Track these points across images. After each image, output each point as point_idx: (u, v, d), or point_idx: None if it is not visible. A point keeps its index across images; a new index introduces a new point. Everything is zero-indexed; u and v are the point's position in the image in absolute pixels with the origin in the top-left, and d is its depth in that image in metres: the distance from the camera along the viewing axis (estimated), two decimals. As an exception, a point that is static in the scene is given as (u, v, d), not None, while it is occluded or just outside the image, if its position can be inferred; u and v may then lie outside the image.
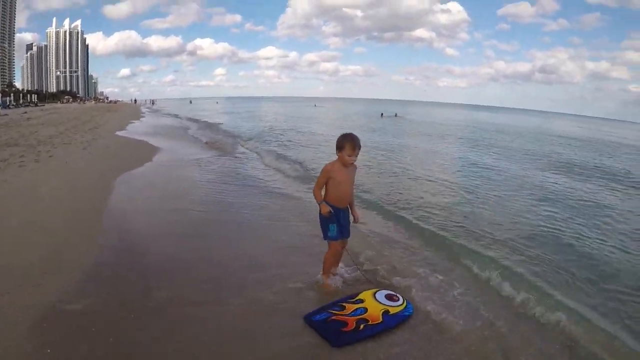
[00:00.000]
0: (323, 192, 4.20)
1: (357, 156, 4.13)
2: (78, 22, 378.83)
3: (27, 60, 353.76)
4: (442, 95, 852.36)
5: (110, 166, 11.54)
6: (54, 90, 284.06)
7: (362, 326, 3.43)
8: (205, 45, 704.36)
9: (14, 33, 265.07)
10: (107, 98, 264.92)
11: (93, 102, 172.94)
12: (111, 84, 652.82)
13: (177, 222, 6.68)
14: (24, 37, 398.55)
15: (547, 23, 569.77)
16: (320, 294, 4.17)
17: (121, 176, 10.05)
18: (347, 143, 4.05)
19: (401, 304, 3.81)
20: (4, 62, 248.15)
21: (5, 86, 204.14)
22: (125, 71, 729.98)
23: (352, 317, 3.54)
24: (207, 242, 5.80)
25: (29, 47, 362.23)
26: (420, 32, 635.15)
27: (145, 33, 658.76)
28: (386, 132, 28.48)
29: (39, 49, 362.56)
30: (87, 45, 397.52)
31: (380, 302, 3.81)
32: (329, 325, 3.45)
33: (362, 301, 3.84)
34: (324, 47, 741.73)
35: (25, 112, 55.18)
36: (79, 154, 13.97)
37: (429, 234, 6.49)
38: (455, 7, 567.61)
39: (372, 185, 10.26)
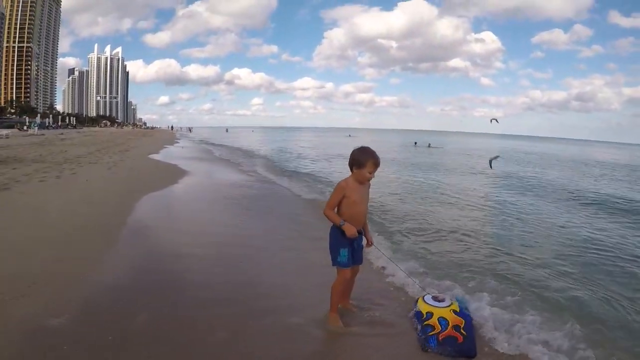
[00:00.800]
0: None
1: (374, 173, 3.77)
2: (119, 49, 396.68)
3: (68, 84, 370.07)
4: (478, 125, 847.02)
5: (131, 187, 11.43)
6: (94, 114, 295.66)
7: (461, 331, 3.43)
8: (243, 75, 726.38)
9: (56, 57, 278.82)
10: (145, 124, 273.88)
11: (131, 127, 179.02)
12: (150, 110, 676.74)
13: (185, 244, 6.29)
14: (66, 61, 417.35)
15: (581, 50, 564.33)
16: (325, 332, 3.69)
17: (141, 196, 9.88)
18: (370, 160, 3.67)
19: (451, 302, 3.80)
20: (46, 85, 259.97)
21: (46, 108, 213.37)
22: (164, 98, 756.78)
23: (448, 331, 3.44)
24: (214, 265, 5.44)
25: (71, 71, 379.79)
26: (455, 62, 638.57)
27: (185, 62, 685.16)
28: (417, 161, 27.94)
29: (81, 73, 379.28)
30: (127, 72, 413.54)
31: (436, 306, 3.73)
32: (448, 341, 3.36)
33: (431, 314, 3.66)
34: (360, 78, 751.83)
35: (62, 134, 57.30)
36: (102, 173, 14.04)
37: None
38: (489, 36, 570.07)
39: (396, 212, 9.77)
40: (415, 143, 50.62)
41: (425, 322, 3.55)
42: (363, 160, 3.67)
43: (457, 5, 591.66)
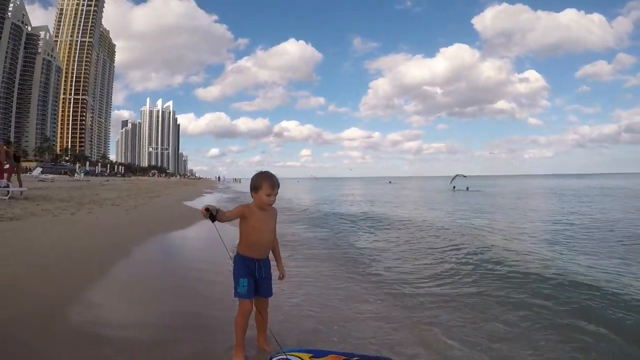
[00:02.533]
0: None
1: (275, 196, 3.60)
2: (170, 103, 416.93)
3: (122, 135, 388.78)
4: (528, 167, 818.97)
5: (140, 227, 11.87)
6: (146, 164, 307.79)
7: None
8: (291, 127, 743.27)
9: (110, 109, 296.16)
10: (193, 174, 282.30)
11: (178, 177, 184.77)
12: (200, 162, 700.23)
13: (166, 289, 5.80)
14: (121, 114, 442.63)
15: (627, 79, 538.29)
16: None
17: (147, 237, 10.13)
18: (265, 181, 3.56)
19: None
20: (100, 135, 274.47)
21: (99, 157, 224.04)
22: (214, 150, 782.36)
23: None
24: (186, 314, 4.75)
25: (124, 123, 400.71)
26: (501, 104, 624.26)
27: (234, 115, 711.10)
28: (447, 205, 27.23)
29: (134, 125, 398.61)
30: (179, 124, 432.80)
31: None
32: None
33: None
34: (406, 126, 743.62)
35: (107, 180, 59.95)
36: (118, 214, 14.59)
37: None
38: (532, 74, 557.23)
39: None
40: (454, 187, 50.49)
41: None
42: (259, 183, 3.57)
43: (497, 46, 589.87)
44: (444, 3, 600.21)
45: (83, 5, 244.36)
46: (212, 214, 3.28)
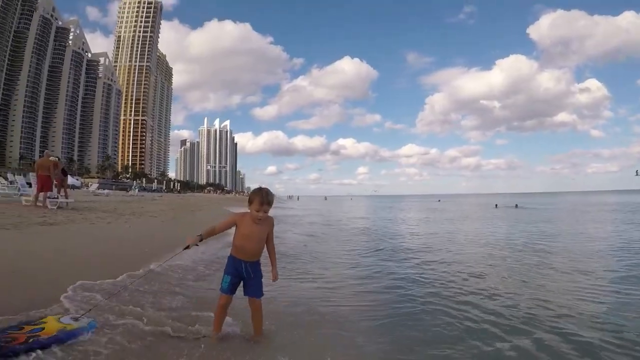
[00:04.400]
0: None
1: (265, 212, 4.02)
2: (227, 122, 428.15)
3: (181, 154, 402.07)
4: (592, 182, 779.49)
5: (169, 235, 13.24)
6: (204, 182, 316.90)
7: (31, 340, 3.58)
8: (348, 144, 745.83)
9: (169, 129, 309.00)
10: (250, 192, 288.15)
11: (234, 194, 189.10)
12: (258, 179, 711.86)
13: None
14: (180, 133, 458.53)
15: None
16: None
17: (162, 248, 11.29)
18: (256, 197, 3.99)
19: (80, 323, 3.98)
20: (159, 154, 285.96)
21: (158, 175, 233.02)
22: (271, 168, 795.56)
23: (24, 334, 3.67)
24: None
25: (183, 142, 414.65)
26: (561, 117, 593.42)
27: (291, 133, 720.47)
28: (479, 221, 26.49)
29: (192, 144, 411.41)
30: (236, 143, 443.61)
31: (62, 322, 3.95)
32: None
33: (43, 323, 3.92)
34: (464, 142, 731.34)
35: (161, 196, 62.68)
36: (153, 224, 16.03)
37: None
38: (593, 84, 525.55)
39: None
40: (496, 205, 49.85)
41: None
42: (252, 198, 4.04)
43: (555, 55, 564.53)
44: (498, 13, 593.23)
45: (139, 32, 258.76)
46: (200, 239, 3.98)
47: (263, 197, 3.98)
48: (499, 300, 6.28)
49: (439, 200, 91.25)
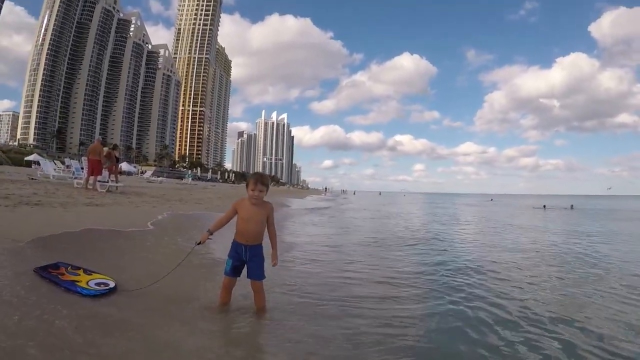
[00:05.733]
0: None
1: (260, 192, 4.33)
2: (284, 115, 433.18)
3: (237, 145, 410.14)
4: None
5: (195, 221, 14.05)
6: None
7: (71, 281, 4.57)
8: (405, 141, 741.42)
9: (227, 120, 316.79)
10: (305, 185, 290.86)
11: (288, 186, 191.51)
12: (314, 173, 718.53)
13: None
14: (239, 125, 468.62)
15: None
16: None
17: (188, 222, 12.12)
18: (251, 178, 4.38)
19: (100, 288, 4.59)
20: (216, 145, 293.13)
21: (215, 165, 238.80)
22: (327, 162, 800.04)
23: (68, 275, 4.75)
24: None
25: (240, 134, 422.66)
26: (622, 117, 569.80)
27: (349, 128, 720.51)
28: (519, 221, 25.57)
29: (249, 136, 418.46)
30: (293, 136, 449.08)
31: (89, 284, 4.59)
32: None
33: (78, 275, 4.81)
34: (523, 141, 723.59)
35: (214, 185, 64.40)
36: (194, 209, 16.95)
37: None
38: None
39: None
40: (544, 206, 48.26)
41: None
42: (247, 180, 4.48)
43: (617, 54, 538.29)
44: (559, 11, 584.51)
45: (199, 25, 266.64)
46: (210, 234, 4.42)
47: (257, 178, 4.37)
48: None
49: (492, 200, 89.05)
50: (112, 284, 4.66)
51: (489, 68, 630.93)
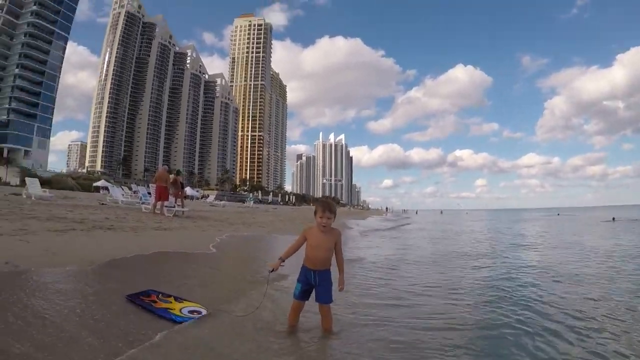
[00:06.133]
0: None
1: (329, 219, 4.43)
2: (342, 136, 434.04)
3: (297, 167, 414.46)
4: None
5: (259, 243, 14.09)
6: (320, 195, 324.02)
7: (164, 309, 4.70)
8: (465, 156, 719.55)
9: (285, 144, 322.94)
10: (365, 205, 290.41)
11: (348, 207, 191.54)
12: (374, 193, 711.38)
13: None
14: (297, 148, 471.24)
15: None
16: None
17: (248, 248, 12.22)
18: (318, 206, 4.48)
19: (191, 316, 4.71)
20: (276, 168, 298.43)
21: (275, 188, 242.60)
22: (387, 182, 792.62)
23: (160, 302, 4.91)
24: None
25: (299, 156, 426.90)
26: None
27: (407, 146, 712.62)
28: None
29: (308, 158, 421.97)
30: (351, 157, 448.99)
31: (182, 311, 4.73)
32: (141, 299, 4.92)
33: (170, 302, 4.94)
34: (588, 148, 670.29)
35: (275, 208, 65.16)
36: (254, 230, 17.34)
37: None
38: None
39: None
40: (614, 218, 45.47)
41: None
42: (315, 208, 4.55)
43: None
44: (612, 4, 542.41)
45: (252, 53, 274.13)
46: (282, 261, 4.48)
47: (325, 206, 4.45)
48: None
49: (558, 214, 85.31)
50: (203, 312, 4.80)
51: (546, 73, 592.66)
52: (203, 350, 3.83)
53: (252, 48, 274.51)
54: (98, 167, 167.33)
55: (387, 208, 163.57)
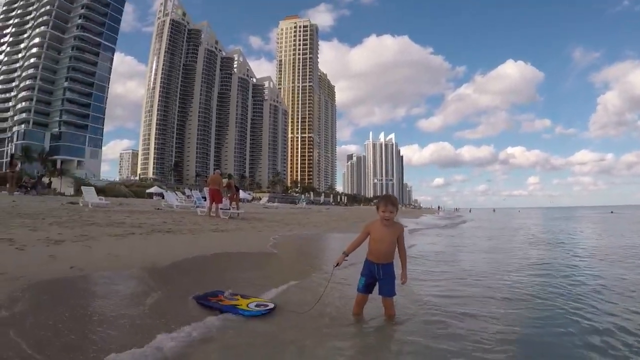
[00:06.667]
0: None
1: (391, 213, 4.48)
2: (392, 135, 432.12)
3: (347, 168, 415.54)
4: None
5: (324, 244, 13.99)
6: (371, 195, 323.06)
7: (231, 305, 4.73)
8: (517, 153, 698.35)
9: (335, 144, 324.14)
10: (417, 204, 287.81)
11: (400, 206, 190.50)
12: (425, 192, 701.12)
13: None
14: (348, 148, 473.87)
15: None
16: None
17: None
18: (381, 201, 4.56)
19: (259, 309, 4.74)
20: (327, 169, 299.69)
21: (326, 188, 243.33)
22: (438, 180, 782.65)
23: (227, 300, 4.92)
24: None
25: (350, 157, 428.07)
26: None
27: (458, 143, 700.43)
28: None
29: (358, 158, 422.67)
30: (402, 156, 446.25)
31: (249, 306, 4.76)
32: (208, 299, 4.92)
33: (237, 300, 4.94)
34: None
35: (328, 208, 65.43)
36: (310, 230, 17.39)
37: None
38: None
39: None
40: None
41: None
42: (378, 203, 4.62)
43: None
44: None
45: (299, 55, 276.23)
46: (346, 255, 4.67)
47: (387, 200, 4.55)
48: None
49: (612, 212, 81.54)
50: (270, 305, 4.84)
51: (598, 67, 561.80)
52: (267, 339, 3.95)
53: (299, 50, 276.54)
54: (150, 174, 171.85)
55: (439, 207, 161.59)
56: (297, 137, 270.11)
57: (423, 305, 5.41)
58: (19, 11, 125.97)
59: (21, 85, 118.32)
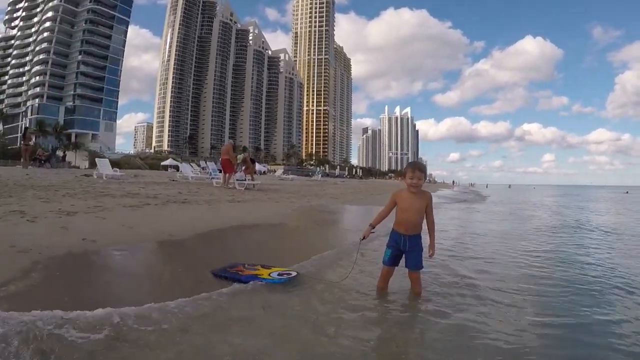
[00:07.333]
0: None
1: (419, 179, 4.27)
2: (408, 109, 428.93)
3: (363, 141, 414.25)
4: None
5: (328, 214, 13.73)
6: (386, 168, 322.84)
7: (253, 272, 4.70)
8: (533, 130, 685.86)
9: (350, 118, 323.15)
10: (432, 179, 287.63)
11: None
12: (440, 166, 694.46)
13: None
14: (363, 121, 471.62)
15: None
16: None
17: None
18: (408, 168, 4.38)
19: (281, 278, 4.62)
20: (342, 142, 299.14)
21: (341, 161, 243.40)
22: (454, 155, 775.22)
23: (247, 269, 4.82)
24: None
25: (365, 130, 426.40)
26: None
27: (474, 119, 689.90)
28: None
29: (374, 132, 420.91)
30: (417, 130, 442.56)
31: (271, 275, 4.66)
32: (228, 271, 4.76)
33: (257, 270, 4.83)
34: None
35: (343, 181, 65.43)
36: (327, 202, 17.02)
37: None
38: None
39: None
40: None
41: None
42: (405, 170, 4.45)
43: None
44: None
45: (315, 27, 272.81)
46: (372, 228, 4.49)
47: (415, 166, 4.36)
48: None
49: (627, 192, 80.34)
50: (293, 273, 4.75)
51: (618, 46, 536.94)
52: (286, 309, 3.87)
53: (315, 22, 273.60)
54: (165, 147, 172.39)
55: (453, 182, 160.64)
56: (313, 110, 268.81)
57: (452, 280, 5.21)
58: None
59: (35, 59, 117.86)
